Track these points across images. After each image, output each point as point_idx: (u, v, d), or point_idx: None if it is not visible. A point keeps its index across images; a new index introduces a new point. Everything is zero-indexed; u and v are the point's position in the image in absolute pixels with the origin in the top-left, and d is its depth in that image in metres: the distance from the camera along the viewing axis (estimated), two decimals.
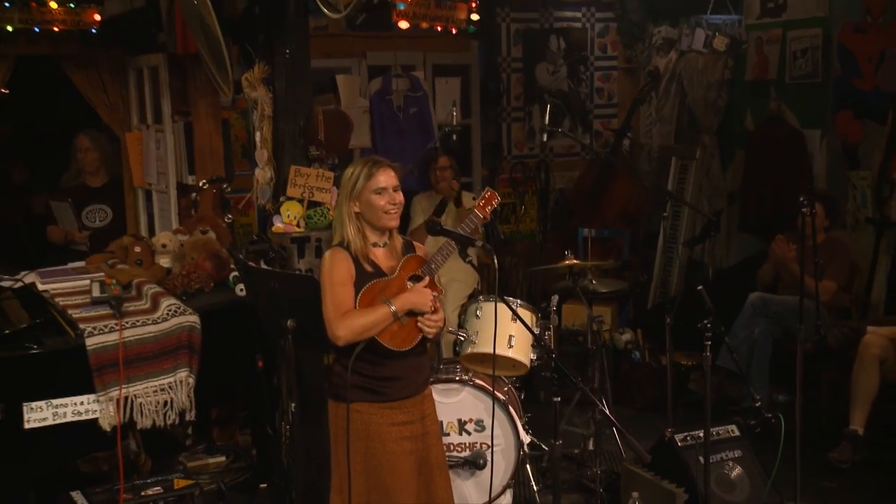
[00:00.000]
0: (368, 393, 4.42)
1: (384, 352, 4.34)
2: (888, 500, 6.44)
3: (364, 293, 4.31)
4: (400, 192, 4.48)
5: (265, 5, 5.95)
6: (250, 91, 6.00)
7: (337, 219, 4.60)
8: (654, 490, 5.83)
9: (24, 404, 4.95)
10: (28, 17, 6.96)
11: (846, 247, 7.72)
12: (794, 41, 8.62)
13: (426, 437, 4.57)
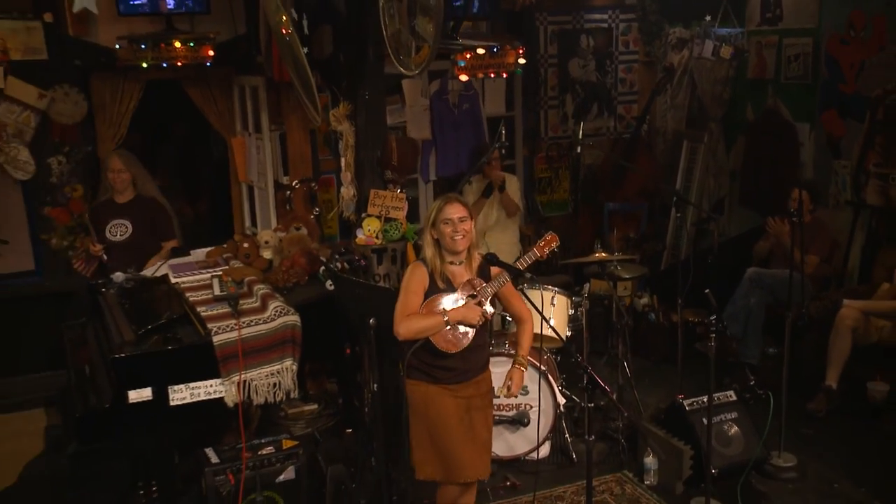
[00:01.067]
0: (426, 376, 4.75)
1: (439, 350, 4.67)
2: (855, 443, 6.57)
3: (429, 302, 4.63)
4: (466, 222, 4.66)
5: (348, 55, 6.17)
6: (336, 124, 6.20)
7: (423, 238, 4.83)
8: (666, 445, 6.11)
9: (168, 387, 5.29)
10: (158, 55, 7.21)
11: (828, 227, 7.90)
12: (789, 47, 8.65)
13: (470, 411, 4.82)
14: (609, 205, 9.58)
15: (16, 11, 7.18)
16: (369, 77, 6.09)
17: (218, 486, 5.34)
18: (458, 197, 4.80)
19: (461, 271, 4.71)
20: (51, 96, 7.41)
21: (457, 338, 4.68)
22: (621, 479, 6.27)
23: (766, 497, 5.95)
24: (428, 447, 4.83)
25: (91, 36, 7.47)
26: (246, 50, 7.84)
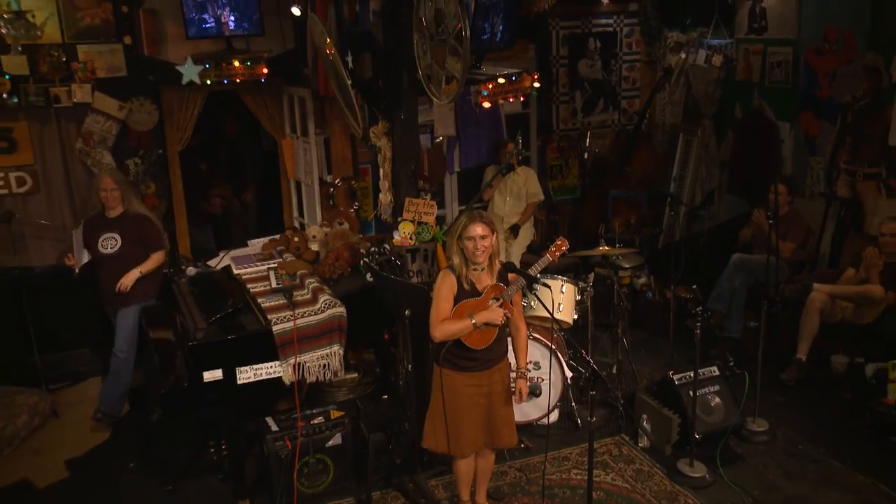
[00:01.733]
0: (454, 366, 5.03)
1: (467, 345, 4.96)
2: (818, 409, 6.84)
3: (458, 308, 4.90)
4: (487, 239, 4.87)
5: (386, 80, 6.33)
6: (375, 140, 6.37)
7: (450, 248, 5.08)
8: (657, 414, 6.39)
9: (236, 368, 5.55)
10: (219, 73, 7.35)
11: (803, 216, 8.11)
12: (772, 55, 8.84)
13: (490, 394, 5.10)
14: (613, 192, 9.73)
15: (102, 36, 7.40)
16: (404, 101, 6.23)
17: (278, 451, 5.64)
18: (481, 215, 4.98)
19: (483, 276, 4.97)
20: (129, 107, 7.62)
21: (483, 336, 4.97)
22: (619, 441, 6.49)
23: (742, 458, 6.20)
24: (440, 423, 5.12)
25: (162, 55, 7.67)
26: (294, 63, 7.94)
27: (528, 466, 6.17)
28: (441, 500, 5.78)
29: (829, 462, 6.10)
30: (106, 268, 6.63)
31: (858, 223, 7.99)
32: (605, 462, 6.24)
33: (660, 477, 6.03)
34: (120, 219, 6.70)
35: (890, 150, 7.61)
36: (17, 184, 7.43)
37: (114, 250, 6.63)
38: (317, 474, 5.85)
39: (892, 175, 7.65)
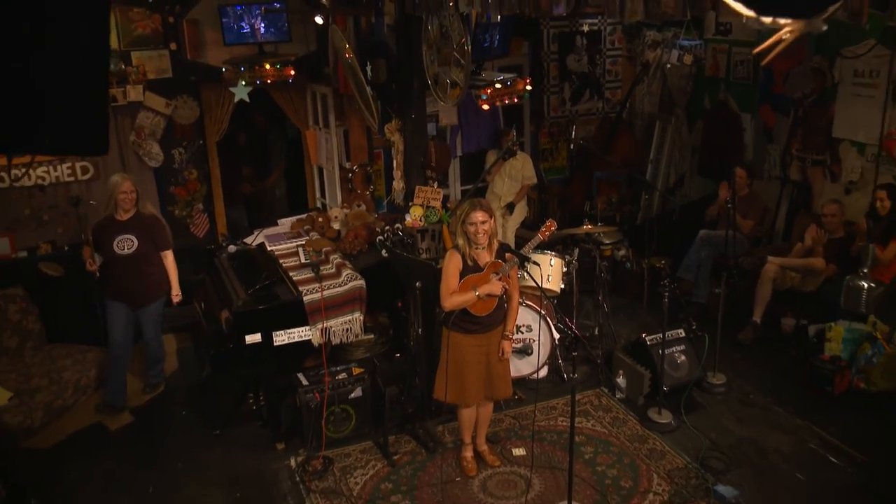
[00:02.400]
0: (461, 329, 5.32)
1: (473, 313, 5.30)
2: (768, 365, 7.13)
3: (464, 282, 5.24)
4: (487, 223, 5.15)
5: (399, 84, 6.63)
6: (389, 135, 6.69)
7: (455, 232, 5.37)
8: (632, 370, 6.70)
9: (273, 332, 5.92)
10: (253, 75, 7.62)
11: (761, 197, 8.34)
12: (736, 54, 9.06)
13: (489, 353, 5.41)
14: (597, 173, 9.88)
15: (151, 44, 7.67)
16: (414, 102, 6.56)
17: (308, 402, 5.95)
18: (480, 203, 5.26)
19: (484, 254, 5.29)
20: (174, 104, 7.91)
21: (485, 305, 5.30)
22: (599, 393, 6.79)
23: (702, 406, 6.52)
24: (446, 377, 5.45)
25: (203, 58, 7.92)
26: (316, 64, 8.21)
27: (520, 415, 6.46)
28: (446, 443, 6.09)
29: (774, 409, 6.46)
30: (122, 267, 6.47)
31: (808, 203, 8.22)
32: (586, 411, 6.53)
33: (633, 423, 6.34)
34: (134, 220, 6.52)
35: (833, 141, 7.85)
36: (82, 172, 7.71)
37: (131, 251, 6.47)
38: (341, 421, 6.13)
39: (835, 162, 7.87)
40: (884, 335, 6.53)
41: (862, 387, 6.54)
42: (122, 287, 6.55)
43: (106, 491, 5.76)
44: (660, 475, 5.71)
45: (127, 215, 6.50)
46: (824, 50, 7.80)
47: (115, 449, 6.30)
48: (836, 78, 7.72)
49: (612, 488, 5.59)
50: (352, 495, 5.57)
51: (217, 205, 8.58)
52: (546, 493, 5.55)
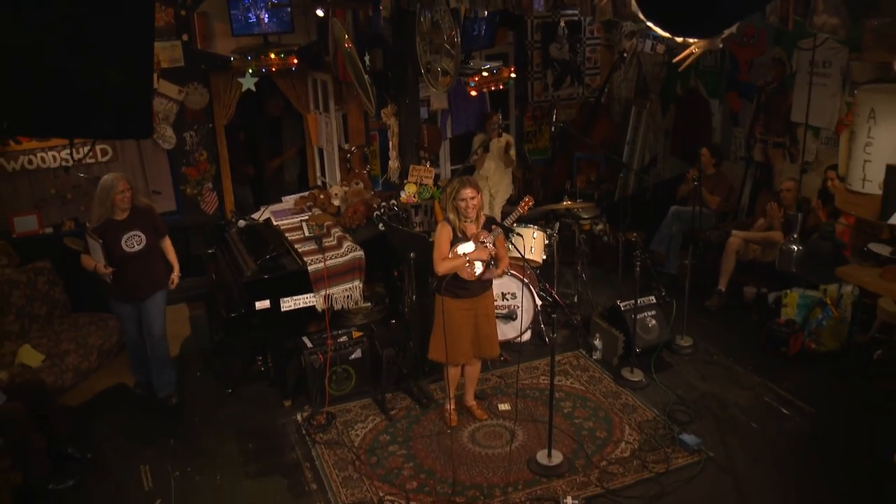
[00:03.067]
0: (451, 294, 5.59)
1: (462, 279, 5.56)
2: (731, 329, 7.41)
3: (454, 249, 5.50)
4: (476, 198, 5.41)
5: (394, 72, 6.87)
6: (386, 119, 6.97)
7: (446, 207, 5.58)
8: (607, 334, 6.95)
9: (280, 299, 6.17)
10: (259, 63, 7.77)
11: (727, 176, 8.61)
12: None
13: (477, 316, 5.67)
14: (577, 154, 10.10)
15: (165, 35, 7.80)
16: (409, 89, 6.83)
17: (312, 362, 6.22)
18: (469, 181, 5.52)
19: (472, 226, 5.56)
20: (186, 91, 8.05)
21: (474, 271, 5.58)
22: (577, 355, 7.08)
23: (671, 366, 6.84)
24: (440, 339, 5.72)
25: (212, 48, 8.07)
26: (317, 53, 8.39)
27: (506, 374, 6.76)
28: (438, 400, 6.39)
29: (735, 367, 6.79)
30: (132, 265, 6.11)
31: (769, 182, 8.47)
32: (565, 370, 6.83)
33: (608, 381, 6.65)
34: (133, 216, 6.14)
35: (792, 125, 8.10)
36: (101, 154, 7.91)
37: (141, 246, 6.13)
38: (342, 380, 6.39)
39: (793, 144, 8.13)
40: (833, 301, 6.86)
41: (813, 347, 6.89)
42: (130, 285, 6.19)
43: (132, 442, 6.07)
44: (631, 426, 6.02)
45: (125, 214, 6.11)
46: (783, 42, 8.04)
47: (137, 406, 6.59)
48: (794, 68, 7.97)
49: (589, 438, 5.90)
50: (353, 445, 5.87)
51: (225, 183, 8.74)
52: (529, 443, 5.86)
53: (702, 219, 7.83)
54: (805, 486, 5.30)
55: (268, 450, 5.93)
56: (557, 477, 5.47)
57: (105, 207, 6.08)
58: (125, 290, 6.24)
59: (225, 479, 5.62)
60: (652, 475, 5.44)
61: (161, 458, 5.86)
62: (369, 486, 5.44)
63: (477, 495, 5.32)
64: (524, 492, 5.35)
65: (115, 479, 5.66)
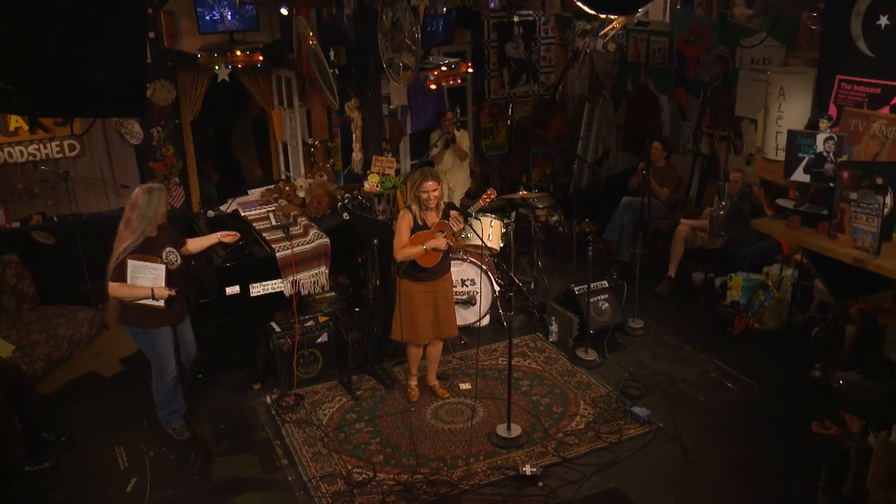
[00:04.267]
0: (410, 277, 5.87)
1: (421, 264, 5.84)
2: (680, 312, 7.76)
3: (413, 238, 5.75)
4: (437, 190, 5.66)
5: (357, 67, 7.07)
6: (349, 112, 7.21)
7: (409, 197, 5.84)
8: (562, 317, 7.24)
9: (249, 284, 6.38)
10: (225, 60, 7.95)
11: (676, 168, 8.93)
12: (654, 42, 9.59)
13: (436, 298, 5.94)
14: (533, 148, 10.37)
15: None
16: (371, 83, 7.04)
17: (280, 346, 6.38)
18: (431, 173, 5.77)
19: (432, 215, 5.83)
20: (153, 88, 8.12)
21: (431, 258, 5.85)
22: (535, 338, 7.37)
23: (623, 346, 7.16)
24: (402, 320, 6.00)
25: (178, 46, 8.19)
26: (281, 51, 8.56)
27: (466, 356, 7.03)
28: (401, 381, 6.64)
29: (684, 347, 7.14)
30: (174, 283, 5.57)
31: (716, 173, 8.82)
32: (523, 352, 7.12)
33: (563, 361, 6.95)
34: (163, 230, 5.62)
35: (736, 119, 8.45)
36: (69, 149, 7.97)
37: (179, 261, 5.66)
38: (310, 363, 6.58)
39: (738, 137, 8.48)
40: (774, 283, 7.26)
41: (756, 326, 7.28)
42: (177, 305, 5.70)
43: (106, 425, 6.22)
44: (585, 402, 6.34)
45: (156, 230, 5.55)
46: (727, 40, 8.40)
47: (110, 393, 6.73)
48: (737, 64, 8.32)
49: (546, 413, 6.21)
50: (321, 424, 6.11)
51: (191, 178, 8.88)
52: (489, 419, 6.15)
53: (651, 209, 8.15)
54: (745, 450, 5.67)
55: (239, 430, 6.12)
56: (516, 448, 5.76)
57: (147, 222, 5.41)
58: (171, 313, 5.66)
59: (199, 457, 5.82)
60: (605, 445, 5.76)
61: (135, 439, 6.03)
62: (338, 461, 5.69)
63: (441, 466, 5.59)
64: (485, 462, 5.63)
65: (90, 460, 5.82)
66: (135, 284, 5.40)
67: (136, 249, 5.40)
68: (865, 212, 3.02)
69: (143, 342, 5.73)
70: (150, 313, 5.54)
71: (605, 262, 8.24)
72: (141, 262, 5.39)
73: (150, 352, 5.74)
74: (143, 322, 5.60)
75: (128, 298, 5.46)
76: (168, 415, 6.01)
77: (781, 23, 6.55)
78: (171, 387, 5.86)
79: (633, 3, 3.33)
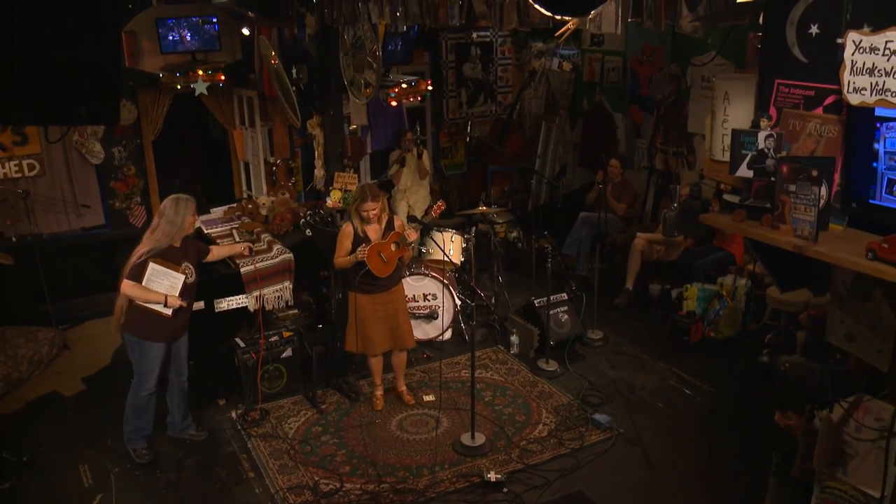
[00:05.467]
0: (361, 290, 6.01)
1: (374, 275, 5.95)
2: (638, 323, 7.91)
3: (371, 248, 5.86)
4: (376, 210, 5.86)
5: (319, 86, 7.15)
6: (312, 129, 7.35)
7: (352, 214, 6.04)
8: (523, 329, 7.33)
9: (215, 300, 6.37)
10: (187, 80, 7.99)
11: (632, 184, 9.08)
12: (608, 62, 9.77)
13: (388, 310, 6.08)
14: (491, 167, 10.47)
15: None
16: (332, 101, 7.12)
17: (245, 361, 6.41)
18: (370, 193, 5.92)
19: (373, 228, 6.01)
20: None
21: (386, 267, 6.00)
22: (496, 350, 7.47)
23: (583, 356, 7.28)
24: (354, 332, 6.14)
25: (140, 65, 8.20)
26: (242, 69, 8.62)
27: (429, 370, 7.11)
28: (366, 394, 6.70)
29: (642, 356, 7.29)
30: (185, 298, 5.59)
31: (668, 189, 8.97)
32: (485, 364, 7.22)
33: (525, 372, 7.05)
34: (186, 243, 5.66)
35: (689, 135, 8.67)
36: (28, 169, 7.95)
37: (193, 278, 5.65)
38: (274, 378, 6.61)
39: (690, 153, 8.72)
40: (728, 293, 7.47)
41: (712, 335, 7.45)
42: (180, 321, 5.67)
43: (69, 444, 6.17)
44: (548, 410, 6.45)
45: (179, 241, 5.57)
46: (678, 59, 8.65)
47: (72, 412, 6.68)
48: (689, 82, 8.57)
49: (509, 422, 6.31)
50: (287, 437, 6.14)
51: (153, 198, 8.86)
52: (453, 429, 6.23)
53: (608, 224, 8.33)
54: (704, 451, 5.83)
55: (205, 444, 6.12)
56: (481, 456, 5.85)
57: (175, 229, 5.45)
58: (174, 326, 5.63)
59: (165, 473, 5.81)
60: (568, 451, 5.87)
61: (99, 457, 5.99)
62: (305, 472, 5.72)
63: (406, 475, 5.65)
64: (450, 470, 5.70)
65: (53, 478, 5.76)
66: (150, 288, 5.41)
67: (158, 254, 5.43)
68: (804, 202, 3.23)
69: (134, 351, 5.67)
70: (153, 324, 5.53)
71: (565, 276, 8.36)
72: (162, 268, 5.42)
73: (139, 363, 5.69)
74: (144, 333, 5.57)
75: (138, 299, 5.42)
76: (132, 431, 5.92)
77: (730, 41, 6.80)
78: (143, 402, 5.79)
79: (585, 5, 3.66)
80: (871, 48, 3.00)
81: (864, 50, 3.02)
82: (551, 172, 10.69)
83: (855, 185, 3.29)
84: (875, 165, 3.16)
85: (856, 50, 3.05)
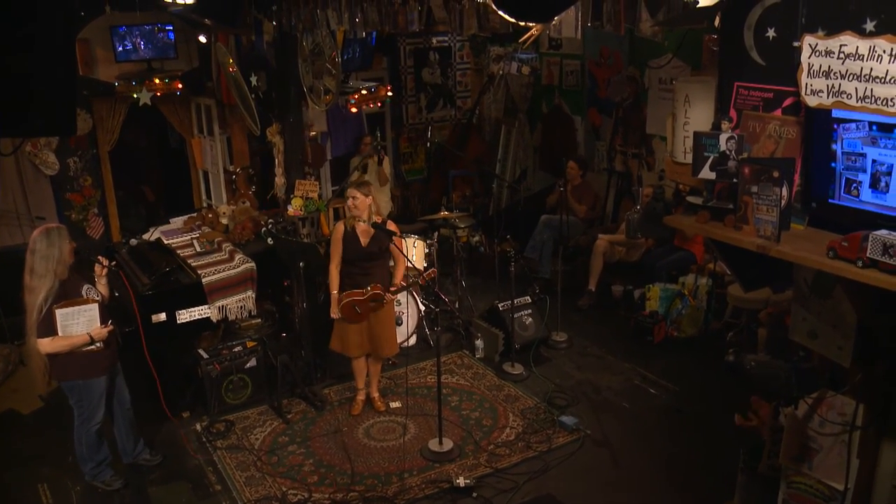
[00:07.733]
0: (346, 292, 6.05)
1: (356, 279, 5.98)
2: (601, 324, 8.00)
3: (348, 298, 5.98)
4: (359, 199, 5.86)
5: (279, 93, 7.11)
6: (271, 137, 7.20)
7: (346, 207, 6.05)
8: (488, 333, 7.36)
9: (176, 311, 6.32)
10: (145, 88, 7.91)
11: (592, 186, 9.16)
12: (567, 66, 9.88)
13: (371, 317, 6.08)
14: (452, 171, 10.48)
15: None
16: (292, 108, 7.09)
17: (209, 372, 6.38)
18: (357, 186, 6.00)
19: (364, 227, 5.99)
20: None
21: (358, 317, 6.05)
22: (462, 355, 7.49)
23: (548, 359, 7.33)
24: (339, 333, 6.17)
25: (94, 74, 8.10)
26: (199, 77, 8.53)
27: (395, 376, 7.08)
28: (332, 402, 6.67)
29: (607, 357, 7.36)
30: (105, 321, 5.27)
31: (629, 190, 9.13)
32: (451, 369, 7.22)
33: (491, 376, 7.08)
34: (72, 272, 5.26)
35: (647, 137, 8.78)
36: None
37: (101, 295, 5.40)
38: (239, 389, 6.58)
39: (649, 154, 8.82)
40: (690, 292, 7.55)
41: (675, 334, 7.56)
42: (111, 346, 5.39)
43: (27, 464, 6.05)
44: (514, 413, 6.47)
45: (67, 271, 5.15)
46: (636, 62, 8.75)
47: (30, 430, 6.54)
48: (646, 84, 8.66)
49: (476, 426, 6.32)
50: (253, 448, 6.09)
51: (110, 208, 8.78)
52: (421, 435, 6.23)
53: (570, 226, 8.37)
54: (670, 449, 5.91)
55: (170, 458, 6.03)
56: (449, 461, 5.85)
57: (55, 263, 5.01)
58: (109, 355, 5.37)
59: (129, 488, 5.71)
60: (536, 453, 5.90)
61: (59, 475, 5.87)
62: (272, 483, 5.68)
63: (375, 483, 5.64)
64: (419, 476, 5.70)
65: (12, 498, 5.64)
66: (69, 334, 5.02)
67: (56, 297, 4.98)
68: (766, 203, 3.28)
69: (75, 394, 5.30)
70: (91, 360, 5.20)
71: (528, 279, 8.39)
72: (70, 309, 4.99)
73: (83, 403, 5.32)
74: (85, 373, 5.21)
75: (66, 350, 5.04)
76: (94, 468, 5.60)
77: (686, 44, 6.90)
78: (94, 437, 5.48)
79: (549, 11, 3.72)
80: (827, 51, 3.05)
81: (821, 53, 3.06)
82: (512, 176, 10.74)
83: (814, 186, 3.34)
84: (833, 166, 3.20)
85: (812, 53, 3.09)
